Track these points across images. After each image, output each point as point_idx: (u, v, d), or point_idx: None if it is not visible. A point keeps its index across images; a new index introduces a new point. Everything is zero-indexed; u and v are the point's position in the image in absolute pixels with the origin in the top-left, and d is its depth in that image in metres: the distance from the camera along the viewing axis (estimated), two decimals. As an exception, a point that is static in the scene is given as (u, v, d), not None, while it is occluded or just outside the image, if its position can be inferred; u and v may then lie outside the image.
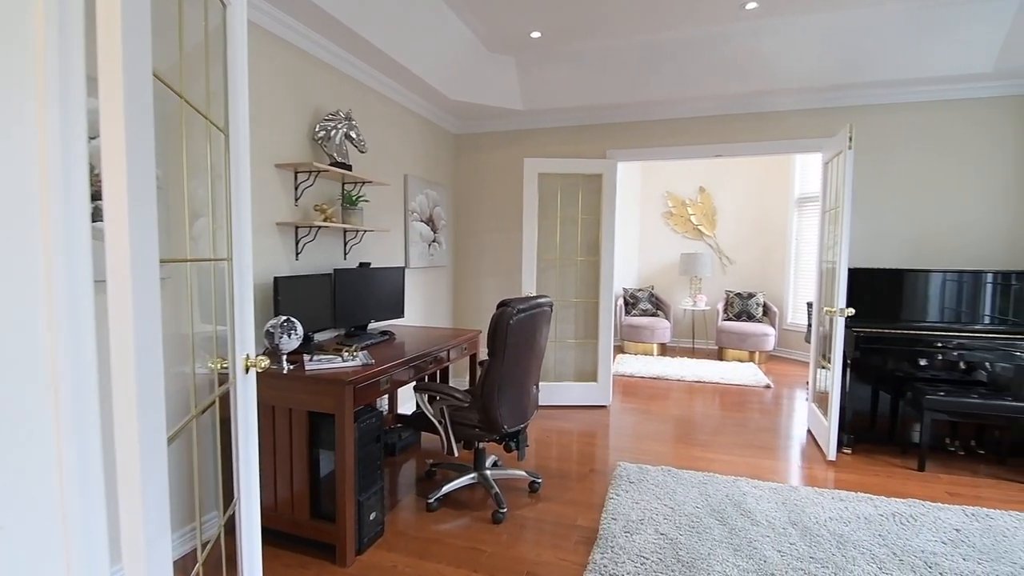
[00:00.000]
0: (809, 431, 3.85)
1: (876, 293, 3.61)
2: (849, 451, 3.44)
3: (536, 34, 3.53)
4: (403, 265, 4.08)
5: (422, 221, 4.32)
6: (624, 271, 7.35)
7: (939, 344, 3.28)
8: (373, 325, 3.47)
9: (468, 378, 3.60)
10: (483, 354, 3.76)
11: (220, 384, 1.45)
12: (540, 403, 4.37)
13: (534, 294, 3.73)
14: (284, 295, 2.53)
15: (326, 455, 2.30)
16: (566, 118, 4.54)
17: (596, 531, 2.44)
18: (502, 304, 2.47)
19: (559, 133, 4.63)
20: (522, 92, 4.21)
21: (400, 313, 3.50)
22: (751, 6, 3.11)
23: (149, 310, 0.81)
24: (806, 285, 6.36)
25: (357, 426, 2.23)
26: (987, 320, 3.43)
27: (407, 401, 4.17)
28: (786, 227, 6.66)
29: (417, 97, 4.09)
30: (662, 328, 6.59)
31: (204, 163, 1.45)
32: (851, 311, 3.25)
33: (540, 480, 2.91)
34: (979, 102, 3.61)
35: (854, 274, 3.61)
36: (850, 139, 3.14)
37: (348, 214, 3.15)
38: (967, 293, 3.46)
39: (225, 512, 1.47)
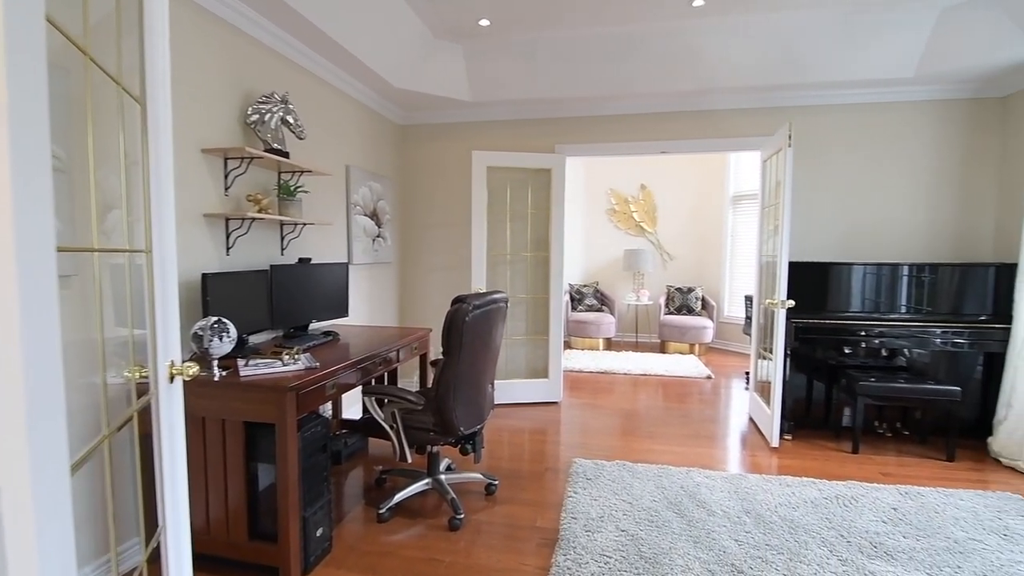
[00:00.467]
0: (751, 419, 3.99)
1: (807, 285, 3.78)
2: (790, 437, 3.59)
3: (485, 22, 3.42)
4: (346, 261, 3.85)
5: (366, 215, 4.10)
6: (570, 267, 7.39)
7: (863, 332, 3.49)
8: (315, 325, 3.24)
9: (418, 379, 3.45)
10: (434, 353, 3.61)
11: (139, 396, 1.25)
12: (491, 402, 4.27)
13: (485, 290, 3.62)
14: (214, 294, 2.28)
15: (265, 469, 2.09)
16: (515, 111, 4.46)
17: (557, 532, 2.38)
18: (457, 300, 2.35)
19: (508, 126, 4.54)
20: (470, 83, 4.09)
21: (344, 312, 3.29)
22: (698, 3, 3.15)
23: (42, 307, 0.64)
24: (742, 279, 6.64)
25: (301, 435, 2.04)
26: (904, 309, 3.68)
27: (351, 405, 3.95)
28: (722, 224, 6.93)
29: (359, 84, 3.87)
30: (607, 323, 6.68)
31: (116, 145, 1.24)
32: (791, 303, 3.38)
33: (496, 482, 2.81)
34: (902, 105, 3.86)
35: (788, 267, 3.77)
36: (789, 137, 3.25)
37: (285, 206, 2.92)
38: (886, 284, 3.69)
39: (149, 540, 1.27)
